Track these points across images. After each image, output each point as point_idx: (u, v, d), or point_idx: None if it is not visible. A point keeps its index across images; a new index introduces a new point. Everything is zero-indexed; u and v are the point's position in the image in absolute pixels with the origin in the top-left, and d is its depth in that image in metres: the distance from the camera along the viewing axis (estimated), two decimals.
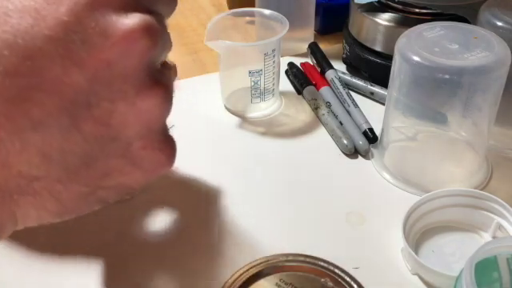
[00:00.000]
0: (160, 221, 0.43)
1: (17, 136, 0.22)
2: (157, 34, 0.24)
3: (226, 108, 0.56)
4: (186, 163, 0.49)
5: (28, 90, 0.22)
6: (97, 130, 0.24)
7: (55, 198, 0.25)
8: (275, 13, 0.55)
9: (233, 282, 0.28)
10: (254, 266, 0.29)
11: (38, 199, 0.24)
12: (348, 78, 0.58)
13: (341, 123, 0.52)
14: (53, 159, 0.23)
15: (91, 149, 0.24)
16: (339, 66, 0.61)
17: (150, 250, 0.40)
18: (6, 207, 0.23)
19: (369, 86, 0.57)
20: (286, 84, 0.60)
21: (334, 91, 0.56)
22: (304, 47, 0.64)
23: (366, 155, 0.49)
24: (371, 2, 0.57)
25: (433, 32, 0.43)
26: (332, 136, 0.52)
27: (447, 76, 0.40)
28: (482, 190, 0.43)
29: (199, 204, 0.45)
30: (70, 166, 0.24)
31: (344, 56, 0.61)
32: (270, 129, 0.54)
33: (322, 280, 0.29)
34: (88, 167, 0.24)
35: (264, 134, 0.53)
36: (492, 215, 0.40)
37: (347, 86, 0.57)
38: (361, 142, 0.50)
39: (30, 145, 0.22)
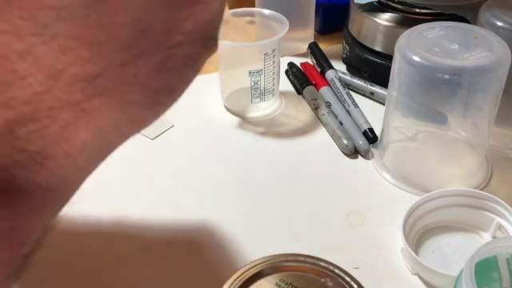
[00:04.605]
0: (160, 221, 0.43)
1: (43, 33, 0.18)
2: None
3: (226, 108, 0.56)
4: (186, 163, 0.49)
5: None
6: None
7: (132, 84, 0.20)
8: (275, 13, 0.55)
9: (233, 282, 0.28)
10: (254, 266, 0.29)
11: (113, 95, 0.20)
12: (348, 78, 0.58)
13: (341, 123, 0.52)
14: (101, 43, 0.19)
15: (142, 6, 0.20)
16: (339, 66, 0.61)
17: (149, 251, 0.40)
18: (83, 123, 0.19)
19: (369, 86, 0.57)
20: (286, 84, 0.60)
21: (333, 91, 0.56)
22: (304, 47, 0.64)
23: (366, 155, 0.49)
24: (371, 2, 0.57)
25: (433, 32, 0.43)
26: (332, 136, 0.52)
27: (447, 76, 0.40)
28: (481, 190, 0.43)
29: (199, 204, 0.45)
30: (125, 40, 0.20)
31: (344, 56, 0.61)
32: (269, 129, 0.54)
33: (322, 280, 0.29)
34: (145, 31, 0.20)
35: (264, 134, 0.53)
36: (492, 215, 0.40)
37: (347, 86, 0.57)
38: (361, 142, 0.50)
39: (63, 38, 0.18)
